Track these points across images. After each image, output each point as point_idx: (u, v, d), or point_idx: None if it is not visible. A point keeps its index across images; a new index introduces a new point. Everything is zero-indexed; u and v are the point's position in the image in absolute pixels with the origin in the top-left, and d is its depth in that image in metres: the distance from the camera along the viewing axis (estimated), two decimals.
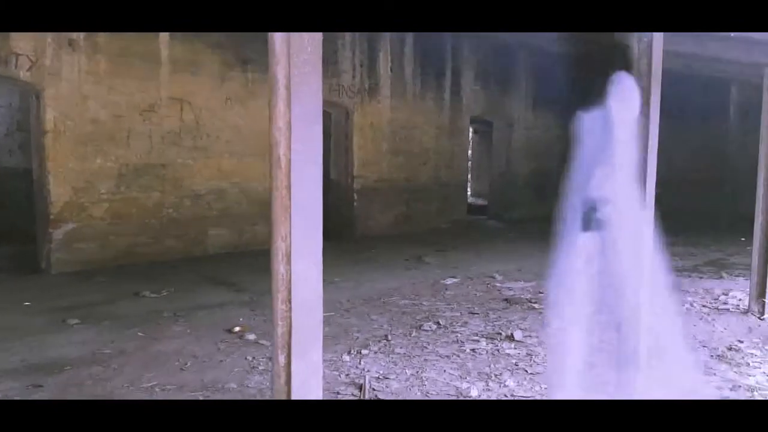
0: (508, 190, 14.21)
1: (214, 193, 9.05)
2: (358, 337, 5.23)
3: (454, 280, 7.39)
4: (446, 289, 6.91)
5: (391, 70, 11.05)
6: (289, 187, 2.05)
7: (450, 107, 12.28)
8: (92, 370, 4.48)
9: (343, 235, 10.89)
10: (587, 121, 3.02)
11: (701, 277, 7.74)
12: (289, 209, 2.07)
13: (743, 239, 11.07)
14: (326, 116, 11.01)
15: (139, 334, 5.36)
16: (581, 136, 2.97)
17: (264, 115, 9.88)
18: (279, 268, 2.12)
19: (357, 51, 10.53)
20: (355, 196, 10.80)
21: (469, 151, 19.28)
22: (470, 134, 19.27)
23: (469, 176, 20.29)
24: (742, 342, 5.06)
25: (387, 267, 8.25)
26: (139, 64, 8.13)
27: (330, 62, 10.11)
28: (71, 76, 7.57)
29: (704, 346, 4.98)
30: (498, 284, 7.11)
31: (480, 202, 17.84)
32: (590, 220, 2.92)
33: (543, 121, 14.87)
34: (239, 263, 8.44)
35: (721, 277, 7.68)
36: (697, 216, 13.31)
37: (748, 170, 15.21)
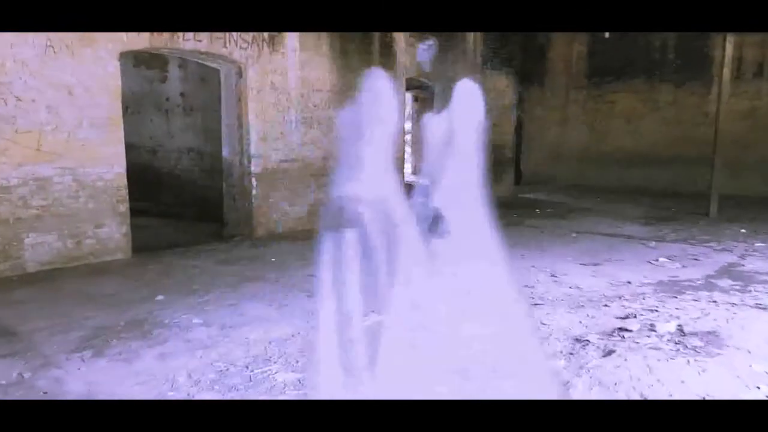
0: None
1: (32, 183, 6.19)
2: None
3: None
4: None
5: None
6: None
7: (380, 66, 9.60)
8: None
9: (239, 234, 8.19)
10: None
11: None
12: None
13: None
14: (212, 73, 8.24)
15: None
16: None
17: (109, 71, 7.06)
18: None
19: None
20: (254, 182, 8.09)
21: (408, 122, 16.74)
22: (409, 101, 16.70)
23: (409, 151, 17.75)
24: None
25: (282, 292, 5.62)
26: None
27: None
28: None
29: None
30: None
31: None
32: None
33: (495, 85, 12.37)
34: (63, 288, 5.67)
35: None
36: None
37: None
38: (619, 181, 14.47)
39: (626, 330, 4.35)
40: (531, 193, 13.40)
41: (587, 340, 4.20)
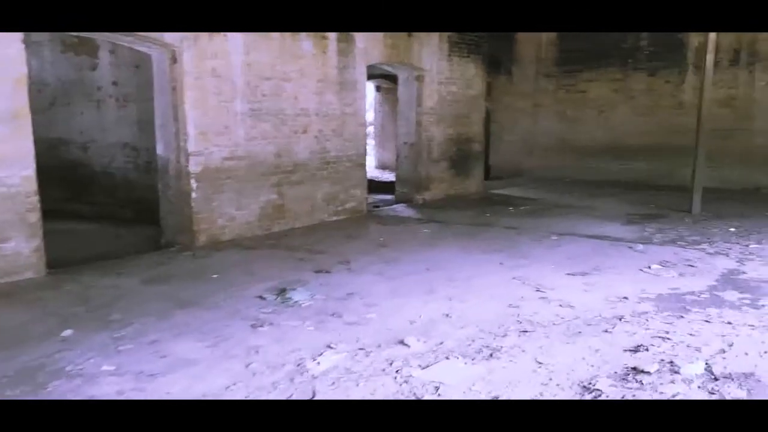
0: (419, 164, 10.80)
1: None
2: None
3: (335, 358, 3.89)
4: (313, 396, 3.39)
5: None
6: None
7: (338, 51, 8.65)
8: None
9: (177, 242, 7.16)
10: None
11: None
12: None
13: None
14: (148, 60, 7.20)
15: None
16: None
17: (10, 54, 5.87)
18: None
19: None
20: (194, 184, 7.05)
21: (371, 113, 15.84)
22: (369, 90, 15.77)
23: (373, 143, 16.84)
24: None
25: (221, 321, 4.64)
26: None
27: None
28: None
29: None
30: (416, 375, 3.64)
31: (387, 176, 14.46)
32: None
33: (464, 73, 11.52)
34: None
35: None
36: None
37: None
38: (592, 173, 13.80)
39: (643, 372, 3.51)
40: (502, 189, 12.60)
41: (598, 390, 3.34)
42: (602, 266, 6.31)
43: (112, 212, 9.25)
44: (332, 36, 8.48)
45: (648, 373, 3.50)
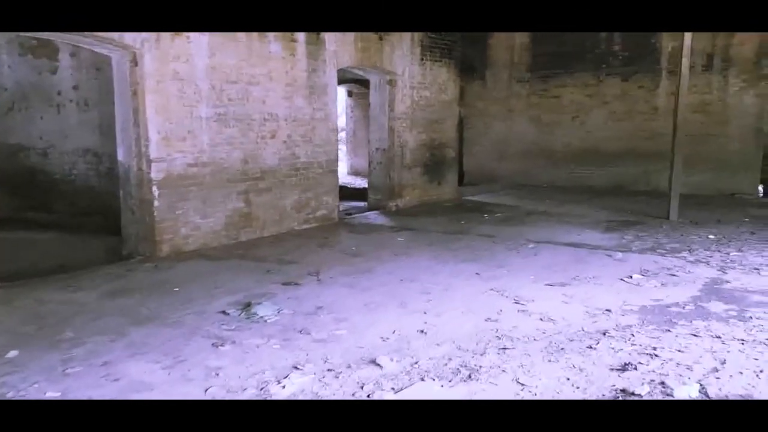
0: (392, 170, 10.55)
1: None
2: None
3: (301, 381, 3.61)
4: None
5: None
6: None
7: (307, 54, 8.37)
8: None
9: (139, 253, 6.81)
10: None
11: None
12: None
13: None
14: (109, 62, 6.86)
15: None
16: None
17: None
18: None
19: None
20: (156, 191, 6.71)
21: (342, 119, 15.58)
22: (341, 95, 15.54)
23: (345, 149, 16.58)
24: None
25: (181, 339, 4.32)
26: None
27: None
28: None
29: None
30: (390, 395, 3.38)
31: (359, 183, 14.20)
32: None
33: (436, 77, 11.32)
34: None
35: None
36: None
37: None
38: (567, 179, 13.70)
39: (633, 394, 3.29)
40: (477, 195, 12.41)
41: None
42: (582, 276, 6.11)
43: (73, 221, 8.85)
44: (301, 38, 8.21)
45: (639, 395, 3.27)
